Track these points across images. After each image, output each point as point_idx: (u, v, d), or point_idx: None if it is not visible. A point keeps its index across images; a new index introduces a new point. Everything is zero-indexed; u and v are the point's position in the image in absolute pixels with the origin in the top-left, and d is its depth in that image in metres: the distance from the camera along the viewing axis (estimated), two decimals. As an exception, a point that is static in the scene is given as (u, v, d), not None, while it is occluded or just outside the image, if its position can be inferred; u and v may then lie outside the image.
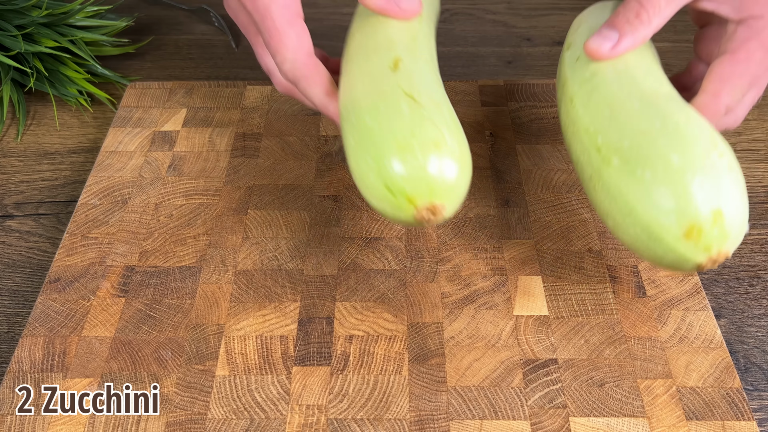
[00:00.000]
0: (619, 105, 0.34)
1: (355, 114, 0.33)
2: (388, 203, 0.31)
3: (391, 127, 0.31)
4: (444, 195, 0.31)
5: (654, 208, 0.30)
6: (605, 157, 0.33)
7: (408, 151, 0.30)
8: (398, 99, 0.32)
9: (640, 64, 0.37)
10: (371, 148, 0.31)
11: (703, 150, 0.31)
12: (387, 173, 0.30)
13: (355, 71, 0.36)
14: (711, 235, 0.30)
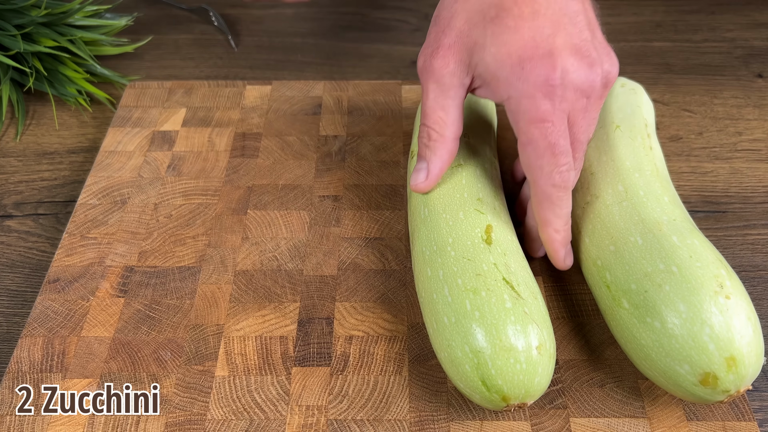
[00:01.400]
0: (622, 241, 0.35)
1: (451, 290, 0.33)
2: (479, 394, 0.32)
3: (495, 322, 0.31)
4: (535, 395, 0.32)
5: (667, 357, 0.32)
6: (615, 297, 0.34)
7: (511, 354, 0.31)
8: (500, 288, 0.33)
9: (639, 182, 0.38)
10: (471, 339, 0.31)
11: (708, 295, 0.31)
12: (486, 370, 0.31)
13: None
14: (727, 380, 0.31)
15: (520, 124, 0.34)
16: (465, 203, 0.37)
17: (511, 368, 0.31)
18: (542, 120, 0.33)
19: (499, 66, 0.34)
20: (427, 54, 0.36)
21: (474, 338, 0.31)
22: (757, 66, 0.58)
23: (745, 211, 0.46)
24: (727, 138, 0.51)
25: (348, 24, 0.64)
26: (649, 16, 0.64)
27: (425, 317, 0.35)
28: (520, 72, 0.33)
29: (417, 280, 0.36)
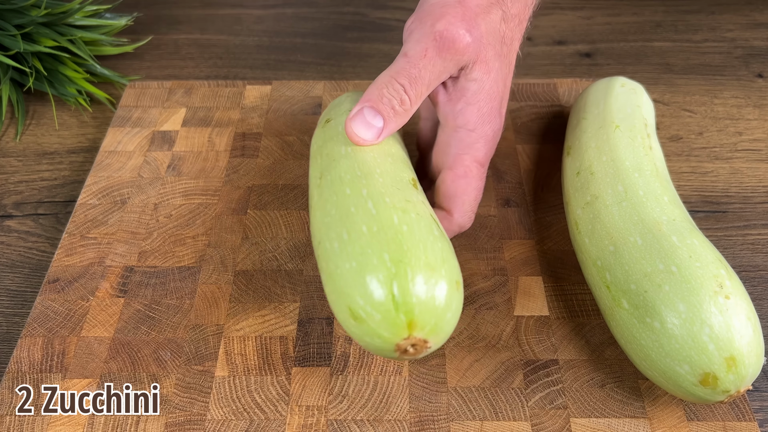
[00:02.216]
0: (622, 241, 0.35)
1: (376, 204, 0.31)
2: (380, 313, 0.28)
3: (423, 240, 0.30)
4: (441, 334, 0.29)
5: (667, 357, 0.32)
6: (615, 297, 0.34)
7: (435, 275, 0.29)
8: (428, 219, 0.31)
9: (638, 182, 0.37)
10: (394, 248, 0.29)
11: (708, 295, 0.31)
12: (403, 283, 0.28)
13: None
14: (727, 380, 0.31)
15: (465, 157, 0.35)
16: (393, 156, 0.35)
17: (430, 290, 0.28)
18: (484, 165, 0.36)
19: (486, 98, 0.35)
20: (461, 25, 0.33)
21: (399, 248, 0.28)
22: (757, 66, 0.58)
23: (745, 211, 0.46)
24: (728, 138, 0.51)
25: (348, 24, 0.64)
26: (649, 16, 0.64)
27: (326, 234, 0.31)
28: (489, 117, 0.35)
29: (324, 201, 0.33)
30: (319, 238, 0.32)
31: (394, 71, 0.33)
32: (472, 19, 0.34)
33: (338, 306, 0.30)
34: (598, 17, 0.64)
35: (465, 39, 0.33)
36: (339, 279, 0.29)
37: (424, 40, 0.33)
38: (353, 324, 0.29)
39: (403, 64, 0.32)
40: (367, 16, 0.65)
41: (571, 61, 0.59)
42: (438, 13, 0.33)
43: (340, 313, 0.30)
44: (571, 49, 0.61)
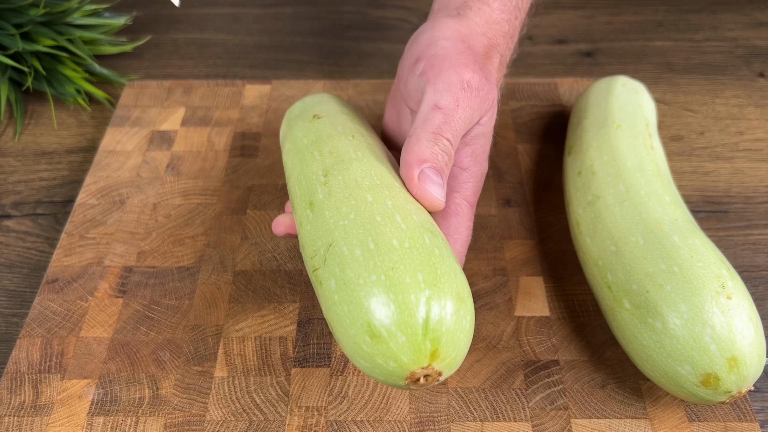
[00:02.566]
0: (624, 241, 0.35)
1: (404, 219, 0.29)
2: (406, 335, 0.26)
3: (453, 269, 0.28)
4: (458, 362, 0.28)
5: (669, 358, 0.31)
6: (617, 298, 0.34)
7: (464, 305, 0.28)
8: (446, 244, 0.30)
9: (640, 182, 0.37)
10: (428, 271, 0.27)
11: (709, 296, 0.31)
12: (435, 306, 0.27)
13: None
14: (728, 381, 0.30)
15: (455, 195, 0.35)
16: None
17: (459, 321, 0.26)
18: (473, 205, 0.36)
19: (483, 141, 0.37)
20: (482, 74, 0.33)
21: (433, 272, 0.27)
22: (758, 65, 0.57)
23: (747, 211, 0.46)
24: (729, 138, 0.51)
25: (348, 23, 0.64)
26: (651, 16, 0.64)
27: (343, 239, 0.28)
28: (480, 158, 0.37)
29: (338, 203, 0.30)
30: (331, 240, 0.29)
31: (435, 126, 0.32)
32: (486, 66, 0.35)
33: (351, 319, 0.27)
34: (599, 16, 0.64)
35: (486, 88, 0.34)
36: (360, 290, 0.26)
37: (453, 91, 0.33)
38: (367, 342, 0.26)
39: (442, 117, 0.32)
40: (367, 15, 0.65)
41: (572, 60, 0.59)
42: (459, 62, 0.33)
43: (351, 327, 0.27)
44: (572, 48, 0.60)
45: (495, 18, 0.36)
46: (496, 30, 0.36)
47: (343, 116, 0.38)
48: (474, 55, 0.34)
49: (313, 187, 0.32)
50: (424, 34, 0.36)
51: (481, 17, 0.36)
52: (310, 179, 0.33)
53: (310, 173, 0.33)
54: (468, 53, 0.34)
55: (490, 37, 0.36)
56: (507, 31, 0.37)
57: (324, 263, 0.29)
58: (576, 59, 0.59)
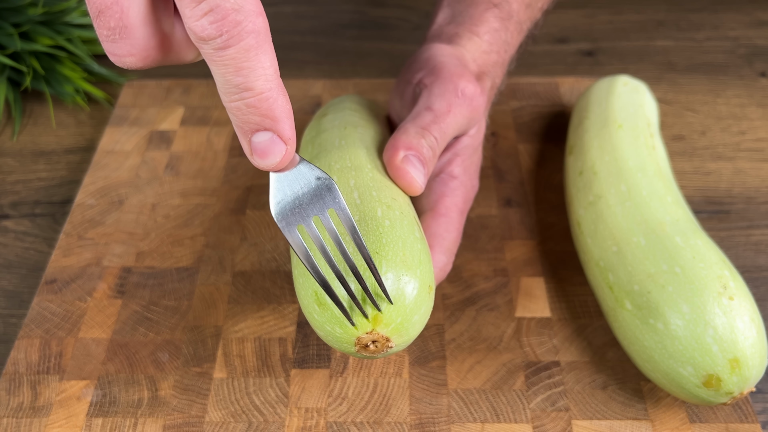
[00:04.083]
0: (625, 241, 0.35)
1: (361, 195, 0.30)
2: (346, 302, 0.27)
3: (404, 240, 0.28)
4: (405, 335, 0.28)
5: (670, 359, 0.31)
6: (618, 298, 0.34)
7: (411, 274, 0.28)
8: (411, 220, 0.30)
9: (642, 182, 0.37)
10: (375, 243, 0.28)
11: (711, 296, 0.31)
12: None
13: None
14: (730, 382, 0.30)
15: (446, 199, 0.35)
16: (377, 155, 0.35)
17: (402, 288, 0.27)
18: (463, 212, 0.37)
19: (471, 153, 0.38)
20: (477, 86, 0.35)
21: (378, 241, 0.27)
22: (760, 65, 0.57)
23: (749, 212, 0.46)
24: (731, 137, 0.51)
25: (348, 22, 0.64)
26: (652, 15, 0.64)
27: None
28: (470, 170, 0.38)
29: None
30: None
31: (423, 123, 0.33)
32: (480, 82, 0.36)
33: (304, 290, 0.28)
34: (600, 15, 0.64)
35: (479, 100, 0.35)
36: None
37: (447, 96, 0.34)
38: (316, 310, 0.27)
39: (432, 118, 0.33)
40: (367, 14, 0.65)
41: (573, 59, 0.59)
42: (456, 72, 0.35)
43: (304, 297, 0.28)
44: (573, 47, 0.60)
45: (485, 49, 0.38)
46: (485, 59, 0.38)
47: (348, 111, 0.38)
48: (469, 72, 0.36)
49: None
50: (423, 54, 0.37)
51: (473, 46, 0.38)
52: None
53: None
54: (464, 68, 0.36)
55: (480, 64, 0.38)
56: (496, 61, 0.39)
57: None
58: (577, 59, 0.59)
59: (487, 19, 0.39)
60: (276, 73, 0.25)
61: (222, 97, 0.25)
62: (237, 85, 0.24)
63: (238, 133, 0.25)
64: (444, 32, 0.39)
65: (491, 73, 0.38)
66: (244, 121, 0.25)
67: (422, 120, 0.33)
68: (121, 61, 0.25)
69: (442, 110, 0.34)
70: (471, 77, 0.35)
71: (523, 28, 0.41)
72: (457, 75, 0.35)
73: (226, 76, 0.24)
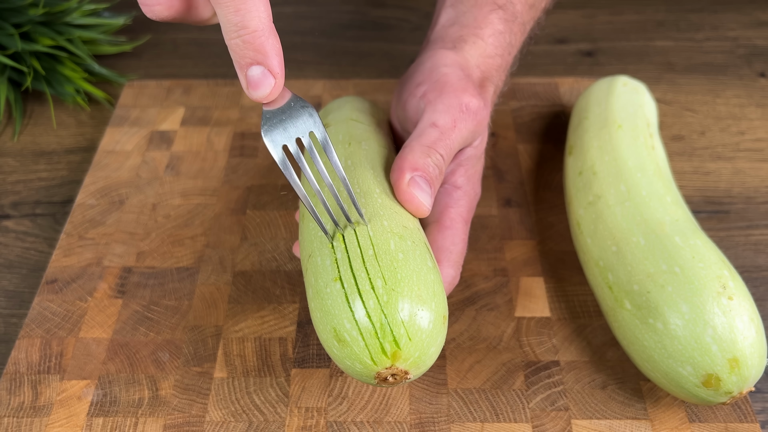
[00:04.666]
0: (625, 241, 0.35)
1: (373, 227, 0.30)
2: (368, 339, 0.27)
3: (418, 272, 0.29)
4: (423, 366, 0.29)
5: (670, 358, 0.31)
6: (618, 298, 0.34)
7: (427, 308, 0.28)
8: (423, 247, 0.30)
9: (641, 182, 0.37)
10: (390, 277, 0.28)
11: (711, 296, 0.31)
12: (392, 313, 0.28)
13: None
14: (730, 381, 0.30)
15: (450, 210, 0.35)
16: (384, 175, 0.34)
17: (418, 324, 0.27)
18: (467, 222, 0.37)
19: (475, 163, 0.38)
20: (480, 99, 0.35)
21: (393, 276, 0.28)
22: (759, 65, 0.57)
23: (748, 212, 0.46)
24: (730, 138, 0.51)
25: (348, 22, 0.64)
26: (651, 15, 0.64)
27: (318, 249, 0.30)
28: (473, 179, 0.38)
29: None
30: (310, 251, 0.31)
31: (429, 141, 0.33)
32: (483, 93, 0.36)
33: (323, 325, 0.29)
34: (599, 16, 0.64)
35: (483, 113, 0.35)
36: (327, 298, 0.28)
37: (451, 112, 0.34)
38: (336, 346, 0.28)
39: (437, 134, 0.33)
40: (367, 14, 0.65)
41: (572, 60, 0.59)
42: (459, 87, 0.35)
43: (323, 332, 0.29)
44: (572, 47, 0.60)
45: (489, 53, 0.38)
46: (489, 64, 0.38)
47: (350, 122, 0.38)
48: (472, 83, 0.36)
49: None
50: (426, 63, 0.37)
51: (476, 51, 0.38)
52: (304, 188, 0.34)
53: (307, 188, 0.34)
54: (468, 80, 0.36)
55: (484, 70, 0.37)
56: (500, 65, 0.39)
57: (306, 272, 0.31)
58: (577, 59, 0.59)
59: (491, 21, 0.38)
60: (269, 19, 0.28)
61: (225, 37, 0.28)
62: (235, 24, 0.27)
63: (237, 70, 0.29)
64: (447, 35, 0.39)
65: (494, 78, 0.38)
66: (241, 56, 0.28)
67: (427, 137, 0.33)
68: (151, 10, 0.29)
69: (447, 126, 0.34)
70: (474, 91, 0.35)
71: (527, 28, 0.41)
72: (461, 89, 0.35)
73: (228, 15, 0.27)
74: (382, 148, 0.36)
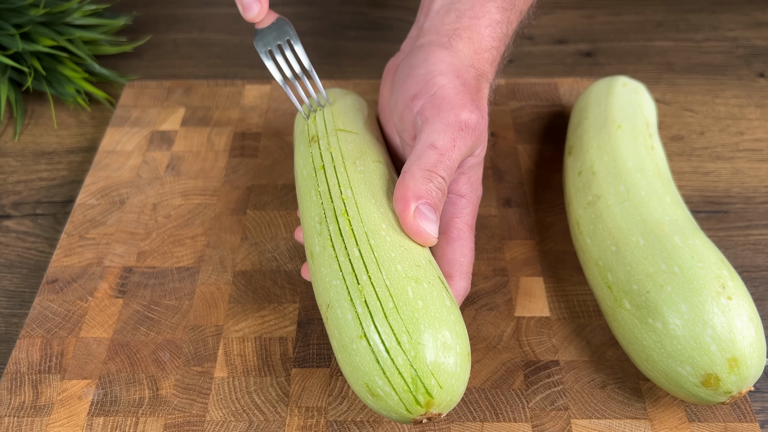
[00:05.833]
0: (624, 241, 0.35)
1: (389, 273, 0.30)
2: (401, 393, 0.28)
3: (438, 317, 0.29)
4: (453, 404, 0.29)
5: (669, 358, 0.31)
6: (617, 298, 0.34)
7: (452, 353, 0.29)
8: (438, 284, 0.30)
9: (641, 182, 0.37)
10: (414, 329, 0.28)
11: (710, 296, 0.31)
12: (422, 365, 0.28)
13: None
14: (729, 381, 0.30)
15: (456, 221, 0.36)
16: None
17: (448, 371, 0.28)
18: (473, 228, 0.37)
19: (477, 169, 0.38)
20: (478, 112, 0.34)
21: (416, 330, 0.28)
22: (759, 65, 0.57)
23: (747, 212, 0.46)
24: (729, 138, 0.51)
25: (348, 23, 0.64)
26: (651, 15, 0.64)
27: (336, 300, 0.30)
28: (476, 184, 0.38)
29: (330, 259, 0.31)
30: (328, 300, 0.31)
31: (430, 164, 0.33)
32: (480, 101, 0.35)
33: (354, 379, 0.29)
34: (599, 16, 0.64)
35: (482, 125, 0.35)
36: (355, 354, 0.29)
37: (450, 131, 0.33)
38: (370, 399, 0.29)
39: (436, 156, 0.33)
40: (367, 15, 0.65)
41: (572, 60, 0.59)
42: (457, 102, 0.34)
43: (355, 385, 0.29)
44: (572, 48, 0.60)
45: (484, 46, 0.37)
46: (483, 59, 0.37)
47: (340, 134, 0.37)
48: (470, 92, 0.35)
49: (311, 237, 0.33)
50: (420, 69, 0.36)
51: (471, 47, 0.37)
52: (309, 225, 0.34)
53: (309, 218, 0.34)
54: (465, 92, 0.35)
55: (478, 67, 0.37)
56: (494, 57, 0.38)
57: (327, 321, 0.31)
58: (576, 59, 0.59)
59: (488, 11, 0.37)
60: None
61: None
62: None
63: (236, 2, 0.38)
64: (443, 26, 0.37)
65: (488, 74, 0.38)
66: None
67: (427, 160, 0.33)
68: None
69: (446, 147, 0.33)
70: (472, 105, 0.34)
71: (522, 14, 0.40)
72: (459, 105, 0.34)
73: None
74: (376, 164, 0.36)
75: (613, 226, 0.36)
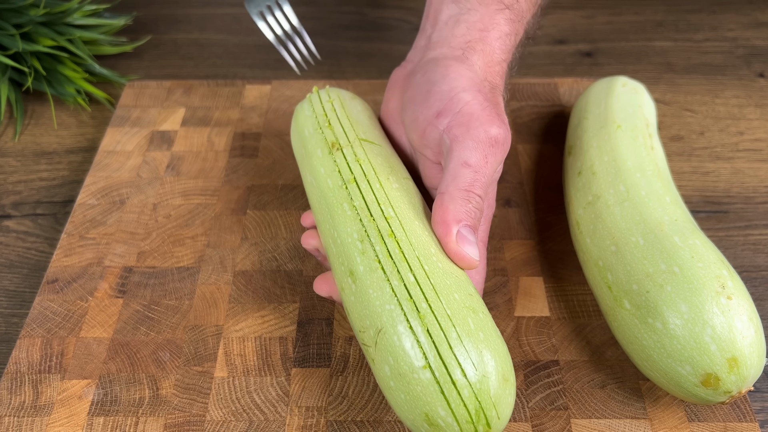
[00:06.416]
0: (624, 241, 0.35)
1: (449, 304, 0.30)
2: (462, 424, 0.28)
3: (497, 348, 0.29)
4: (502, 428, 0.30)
5: (669, 358, 0.31)
6: (617, 298, 0.34)
7: (509, 384, 0.29)
8: (486, 312, 0.31)
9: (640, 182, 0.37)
10: (481, 361, 0.28)
11: (710, 296, 0.31)
12: (485, 397, 0.28)
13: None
14: (728, 381, 0.30)
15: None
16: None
17: (507, 404, 0.29)
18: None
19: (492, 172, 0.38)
20: (504, 125, 0.34)
21: (482, 363, 0.28)
22: (758, 65, 0.57)
23: (747, 212, 0.46)
24: (729, 138, 0.51)
25: (348, 23, 0.64)
26: (651, 16, 0.64)
27: (390, 323, 0.29)
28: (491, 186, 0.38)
29: (379, 282, 0.31)
30: (380, 325, 0.30)
31: (466, 184, 0.33)
32: (503, 115, 0.35)
33: (409, 407, 0.29)
34: (599, 16, 0.64)
35: (509, 139, 0.35)
36: (416, 384, 0.28)
37: (481, 148, 0.34)
38: (426, 428, 0.29)
39: (472, 175, 0.33)
40: (367, 15, 0.65)
41: (572, 60, 0.59)
42: (484, 118, 0.34)
43: (410, 413, 0.29)
44: (572, 48, 0.60)
45: (495, 59, 0.37)
46: (494, 72, 0.37)
47: (365, 145, 0.36)
48: (495, 107, 0.35)
49: (350, 254, 0.32)
50: (441, 85, 0.36)
51: (483, 60, 0.37)
52: (345, 242, 0.33)
53: (345, 234, 0.33)
54: (490, 107, 0.35)
55: (491, 81, 0.37)
56: (504, 70, 0.38)
57: (375, 346, 0.30)
58: (576, 59, 0.59)
59: (497, 23, 0.37)
60: None
61: None
62: None
63: None
64: (454, 39, 0.37)
65: (500, 86, 0.37)
66: None
67: (463, 180, 0.33)
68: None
69: (479, 164, 0.33)
70: (498, 120, 0.34)
71: (528, 24, 0.41)
72: (487, 121, 0.34)
73: None
74: (407, 181, 0.36)
75: (613, 226, 0.36)
